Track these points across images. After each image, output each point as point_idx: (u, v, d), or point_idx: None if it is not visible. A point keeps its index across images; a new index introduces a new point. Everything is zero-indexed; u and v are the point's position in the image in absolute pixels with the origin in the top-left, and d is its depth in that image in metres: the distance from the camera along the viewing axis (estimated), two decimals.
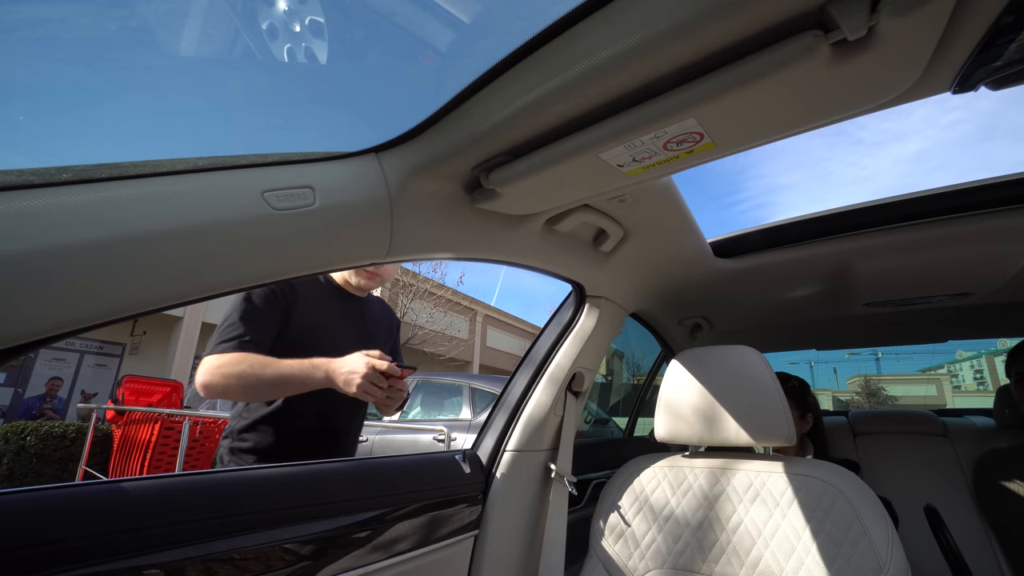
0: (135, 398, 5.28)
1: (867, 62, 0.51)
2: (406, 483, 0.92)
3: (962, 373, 5.09)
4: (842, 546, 0.88)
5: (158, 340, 9.29)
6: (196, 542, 0.63)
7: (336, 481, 0.82)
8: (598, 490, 1.41)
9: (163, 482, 0.64)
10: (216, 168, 0.57)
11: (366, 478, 0.86)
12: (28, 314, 0.45)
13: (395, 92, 0.78)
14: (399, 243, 0.76)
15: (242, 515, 0.68)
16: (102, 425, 5.06)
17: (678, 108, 0.57)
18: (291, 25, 0.72)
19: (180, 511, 0.63)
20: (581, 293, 1.32)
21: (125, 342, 9.60)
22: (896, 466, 1.97)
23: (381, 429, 4.13)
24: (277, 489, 0.73)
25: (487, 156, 0.71)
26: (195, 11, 0.87)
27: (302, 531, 0.74)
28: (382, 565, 0.84)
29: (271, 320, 1.20)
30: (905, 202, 1.13)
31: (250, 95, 1.09)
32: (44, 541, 0.52)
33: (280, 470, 0.76)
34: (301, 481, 0.77)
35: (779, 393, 1.03)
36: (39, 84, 2.83)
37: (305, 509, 0.75)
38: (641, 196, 0.97)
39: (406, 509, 0.90)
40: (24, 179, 0.46)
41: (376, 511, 0.85)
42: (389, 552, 0.85)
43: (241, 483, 0.71)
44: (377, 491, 0.86)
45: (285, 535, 0.72)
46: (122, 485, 0.61)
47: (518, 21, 0.56)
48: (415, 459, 0.98)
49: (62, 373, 8.47)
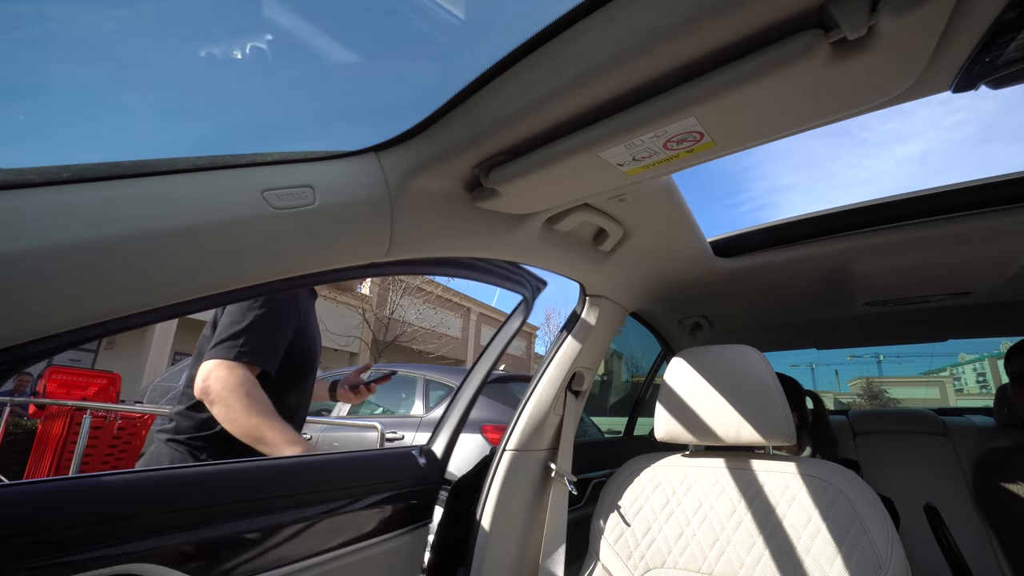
0: (65, 391, 4.81)
1: (867, 61, 0.51)
2: (360, 477, 0.93)
3: (964, 376, 5.07)
4: (842, 545, 0.88)
5: (134, 334, 9.26)
6: (158, 535, 0.64)
7: (289, 476, 0.83)
8: (598, 489, 1.41)
9: (117, 479, 0.65)
10: (216, 167, 0.58)
11: (319, 473, 0.88)
12: (28, 313, 0.45)
13: (395, 91, 0.78)
14: (399, 242, 0.76)
15: (200, 509, 0.69)
16: (25, 420, 4.63)
17: (678, 107, 0.57)
18: (292, 26, 0.72)
19: (129, 509, 0.63)
20: (581, 292, 1.32)
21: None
22: (896, 465, 1.97)
23: (324, 426, 3.89)
24: (235, 483, 0.75)
25: (487, 155, 0.71)
26: (196, 11, 0.87)
27: (258, 523, 0.75)
28: (336, 555, 0.85)
29: (288, 332, 1.20)
30: (905, 201, 1.13)
31: (250, 95, 1.09)
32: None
33: (234, 466, 0.78)
34: (253, 476, 0.78)
35: (779, 392, 1.03)
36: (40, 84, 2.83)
37: (258, 503, 0.76)
38: (641, 195, 0.97)
39: (360, 503, 0.91)
40: (24, 178, 0.46)
41: (330, 504, 0.86)
42: (341, 542, 0.86)
43: (197, 478, 0.72)
44: (331, 485, 0.88)
45: (241, 527, 0.73)
46: (56, 484, 0.61)
47: (518, 20, 0.56)
48: (368, 454, 1.01)
49: (35, 368, 8.33)
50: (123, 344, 9.43)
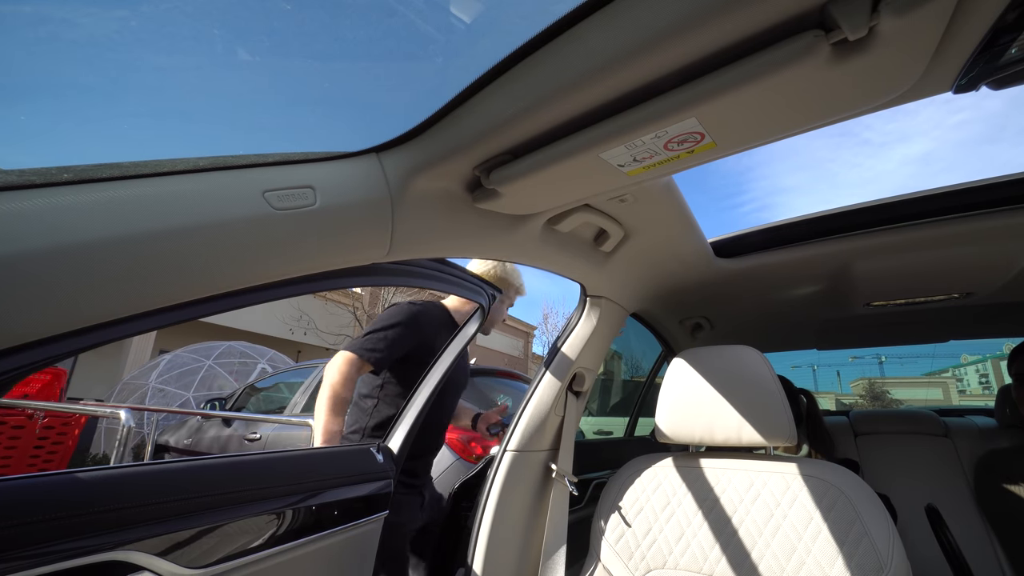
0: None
1: (868, 62, 0.51)
2: (318, 472, 0.98)
3: (967, 377, 5.04)
4: (843, 546, 0.88)
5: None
6: (123, 529, 0.65)
7: (250, 471, 0.86)
8: (598, 490, 1.41)
9: (97, 474, 0.66)
10: (217, 168, 0.58)
11: (281, 467, 0.92)
12: (29, 314, 0.45)
13: (396, 92, 0.78)
14: (399, 243, 0.76)
15: (169, 502, 0.71)
16: None
17: (679, 108, 0.57)
18: (292, 26, 0.72)
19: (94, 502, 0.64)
20: (582, 293, 1.32)
21: None
22: (897, 466, 1.96)
23: (277, 426, 3.73)
24: (197, 479, 0.77)
25: (488, 156, 0.71)
26: (197, 12, 0.87)
27: (219, 516, 0.77)
28: (296, 543, 0.89)
29: (407, 343, 1.41)
30: (906, 202, 1.12)
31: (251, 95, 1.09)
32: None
33: (200, 463, 0.80)
34: (215, 473, 0.81)
35: (780, 393, 1.03)
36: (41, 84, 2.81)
37: (219, 497, 0.78)
38: (642, 196, 0.97)
39: (320, 496, 0.95)
40: (25, 179, 0.46)
41: (289, 498, 0.90)
42: (300, 533, 0.90)
43: (164, 474, 0.74)
44: (292, 479, 0.92)
45: (205, 520, 0.75)
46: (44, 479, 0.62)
47: (519, 21, 0.56)
48: (328, 451, 1.06)
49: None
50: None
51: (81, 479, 0.64)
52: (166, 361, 7.56)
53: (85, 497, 0.63)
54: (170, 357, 7.66)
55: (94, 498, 0.64)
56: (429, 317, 1.49)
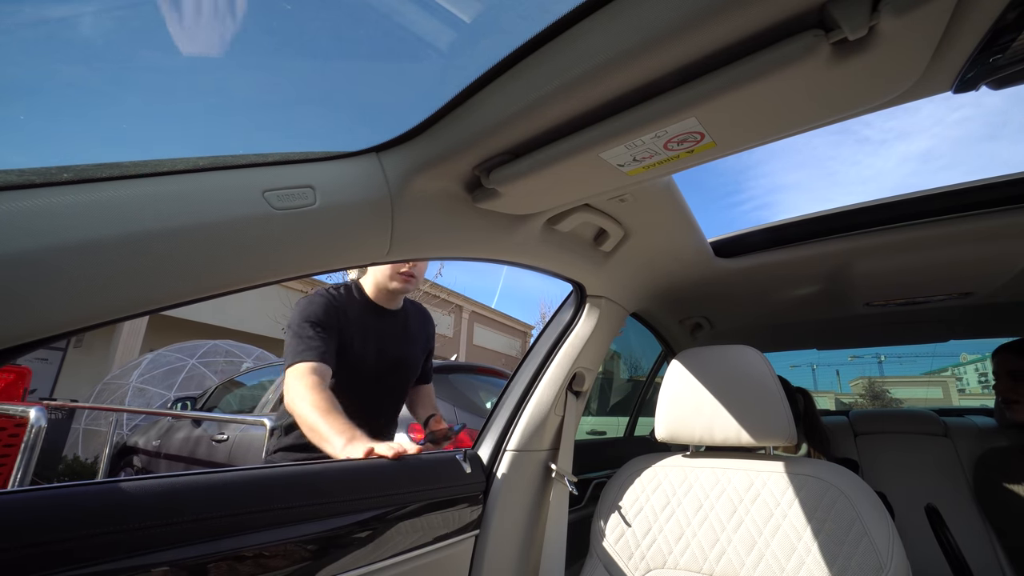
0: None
1: (868, 62, 0.51)
2: (406, 483, 0.92)
3: (966, 376, 5.04)
4: (843, 546, 0.88)
5: (102, 332, 9.01)
6: (196, 542, 0.63)
7: (337, 481, 0.82)
8: (598, 490, 1.41)
9: (164, 482, 0.64)
10: (216, 168, 0.58)
11: (366, 478, 0.87)
12: (29, 313, 0.45)
13: (395, 92, 0.78)
14: (399, 243, 0.76)
15: (242, 515, 0.68)
16: None
17: (679, 108, 0.57)
18: (292, 25, 0.72)
19: (179, 511, 0.63)
20: (581, 293, 1.32)
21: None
22: (897, 466, 1.97)
23: (244, 426, 3.44)
24: (277, 489, 0.73)
25: (488, 155, 0.71)
26: (197, 11, 0.87)
27: (302, 531, 0.74)
28: (382, 565, 0.84)
29: (335, 338, 1.31)
30: (906, 202, 1.12)
31: (250, 95, 1.09)
32: (35, 543, 0.50)
33: (280, 470, 0.76)
34: (301, 481, 0.77)
35: (780, 393, 1.03)
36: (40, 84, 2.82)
37: (304, 509, 0.75)
38: (641, 196, 0.97)
39: (406, 509, 0.90)
40: (25, 179, 0.46)
41: (376, 511, 0.85)
42: (389, 552, 0.85)
43: (242, 483, 0.71)
44: (377, 491, 0.86)
45: (285, 535, 0.72)
46: (119, 486, 0.60)
47: (519, 21, 0.56)
48: (416, 459, 0.99)
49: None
50: (92, 343, 9.18)
51: (150, 486, 0.61)
52: (148, 360, 7.23)
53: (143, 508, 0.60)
54: (152, 356, 7.35)
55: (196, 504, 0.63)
56: (344, 301, 1.40)
